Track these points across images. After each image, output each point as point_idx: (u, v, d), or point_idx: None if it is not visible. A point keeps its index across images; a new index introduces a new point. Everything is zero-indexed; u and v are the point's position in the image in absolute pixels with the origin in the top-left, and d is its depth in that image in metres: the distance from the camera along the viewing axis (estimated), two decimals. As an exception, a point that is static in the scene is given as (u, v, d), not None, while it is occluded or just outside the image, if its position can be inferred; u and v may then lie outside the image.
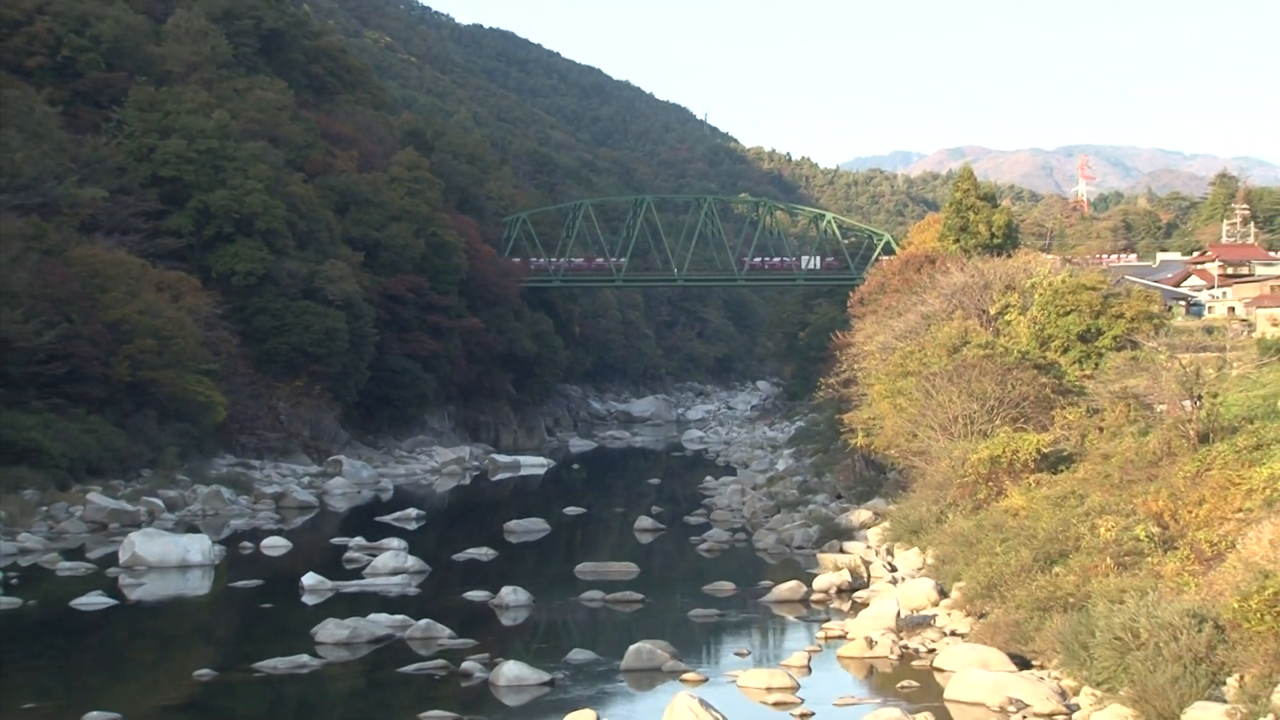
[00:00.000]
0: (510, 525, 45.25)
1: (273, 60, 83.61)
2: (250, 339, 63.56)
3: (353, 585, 33.46)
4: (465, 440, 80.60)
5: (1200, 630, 18.52)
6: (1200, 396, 28.48)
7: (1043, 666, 21.93)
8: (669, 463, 77.92)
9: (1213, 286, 79.11)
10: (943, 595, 27.74)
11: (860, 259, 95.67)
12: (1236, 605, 18.21)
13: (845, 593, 31.25)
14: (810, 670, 24.13)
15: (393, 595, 32.18)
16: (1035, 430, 32.95)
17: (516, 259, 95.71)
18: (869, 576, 32.43)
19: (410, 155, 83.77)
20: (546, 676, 23.42)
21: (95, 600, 30.56)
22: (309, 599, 31.86)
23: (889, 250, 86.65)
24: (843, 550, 35.96)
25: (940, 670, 23.09)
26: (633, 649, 24.63)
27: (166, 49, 72.12)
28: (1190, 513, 23.09)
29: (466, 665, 24.22)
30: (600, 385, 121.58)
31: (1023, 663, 22.12)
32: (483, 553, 38.89)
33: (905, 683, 22.68)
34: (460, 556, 38.55)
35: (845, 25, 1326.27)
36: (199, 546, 37.00)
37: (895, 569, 32.61)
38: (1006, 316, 40.63)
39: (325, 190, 73.60)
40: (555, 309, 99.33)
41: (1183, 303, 71.51)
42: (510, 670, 23.34)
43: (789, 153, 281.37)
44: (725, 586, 32.71)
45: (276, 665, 24.29)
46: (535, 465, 72.58)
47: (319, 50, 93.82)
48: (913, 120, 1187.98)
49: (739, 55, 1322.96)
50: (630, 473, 73.64)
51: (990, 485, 31.20)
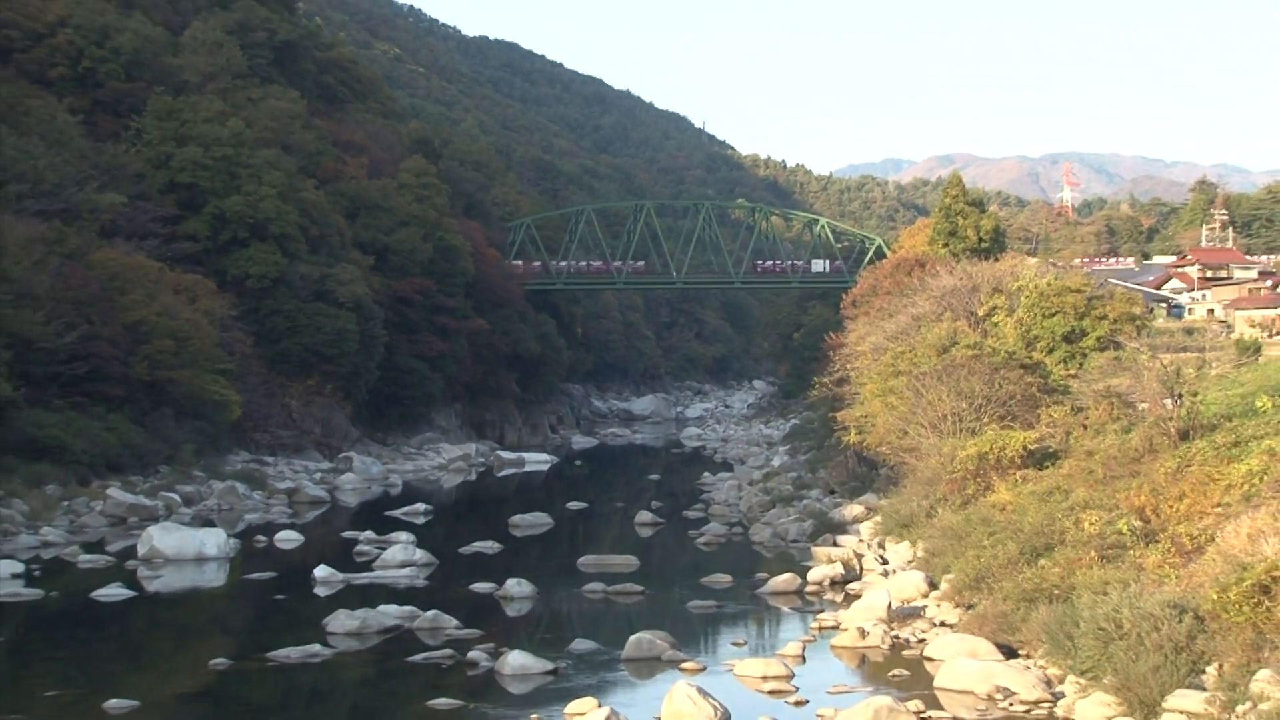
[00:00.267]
0: (515, 520, 45.25)
1: (286, 71, 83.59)
2: (264, 340, 63.58)
3: (363, 577, 33.47)
4: (471, 437, 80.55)
5: (1180, 621, 18.54)
6: (1181, 395, 28.53)
7: (1029, 656, 21.94)
8: (668, 459, 77.87)
9: (1193, 289, 79.09)
10: (932, 587, 27.75)
11: (853, 263, 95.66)
12: (1215, 597, 18.23)
13: (838, 585, 31.24)
14: (805, 659, 24.14)
15: (401, 587, 32.18)
16: (1022, 428, 32.97)
17: (520, 262, 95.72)
18: (861, 569, 32.42)
19: (418, 162, 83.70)
20: (550, 666, 23.41)
21: (115, 592, 30.58)
22: (320, 590, 31.87)
23: (881, 254, 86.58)
24: (836, 544, 35.92)
25: (930, 659, 23.10)
26: (633, 639, 24.64)
27: (183, 60, 72.15)
28: (1171, 507, 23.10)
29: (473, 655, 24.22)
30: (602, 384, 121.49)
31: (1009, 652, 22.13)
32: (488, 546, 38.88)
33: (896, 671, 22.69)
34: (466, 550, 38.55)
35: (839, 37, 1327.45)
36: (215, 540, 37.02)
37: (886, 562, 32.62)
38: (994, 318, 40.65)
39: (336, 196, 73.61)
40: (558, 311, 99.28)
41: (1164, 305, 71.50)
42: (515, 660, 23.34)
43: (784, 160, 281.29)
44: (722, 579, 32.71)
45: (289, 654, 24.31)
46: (539, 462, 72.57)
47: (330, 61, 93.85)
48: (903, 129, 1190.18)
49: (736, 66, 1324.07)
50: (630, 469, 73.61)
51: (978, 481, 31.21)
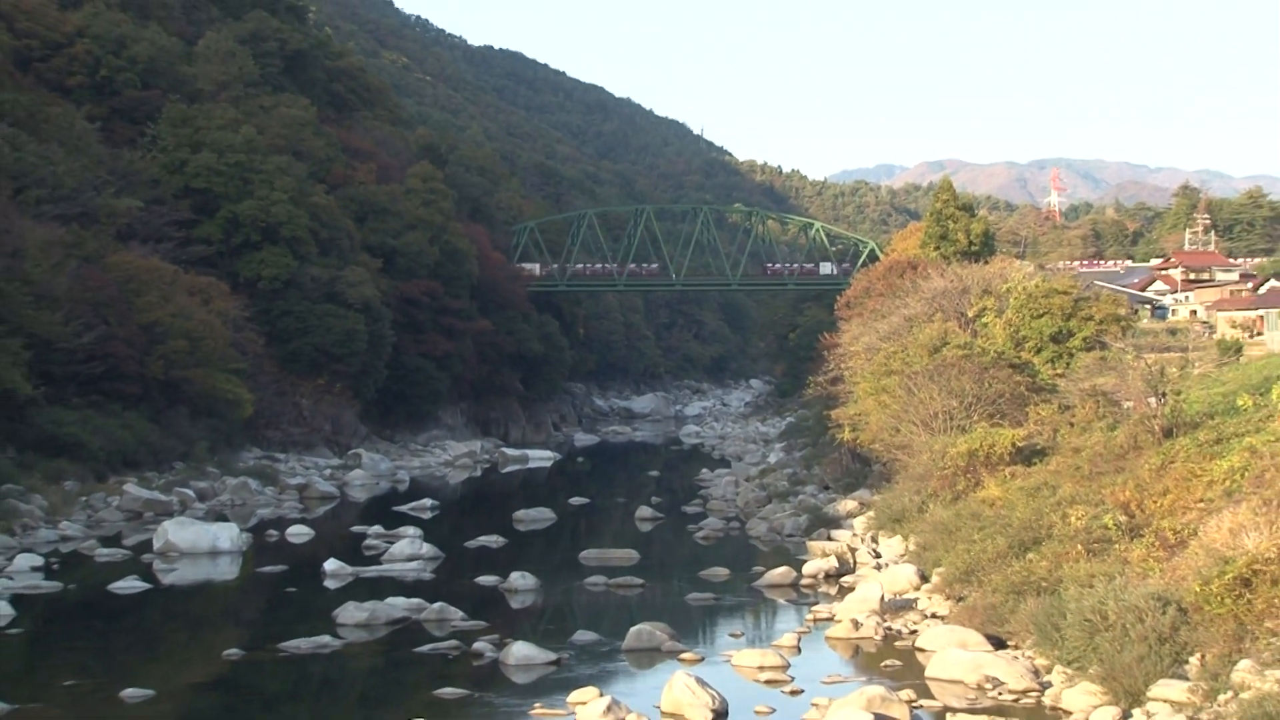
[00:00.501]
0: (519, 514, 45.22)
1: (296, 79, 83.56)
2: (275, 340, 63.60)
3: (371, 571, 33.44)
4: (476, 435, 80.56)
5: (1164, 613, 18.52)
6: (1164, 394, 28.54)
7: (1017, 646, 21.93)
8: (667, 456, 77.84)
9: (1176, 291, 79.15)
10: (924, 580, 27.73)
11: (846, 265, 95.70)
12: (1198, 589, 18.21)
13: (833, 578, 31.21)
14: (800, 650, 24.11)
15: (409, 580, 32.14)
16: (1010, 425, 32.96)
17: (524, 265, 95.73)
18: (855, 562, 32.40)
19: (425, 168, 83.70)
20: (553, 656, 23.38)
21: (131, 584, 30.56)
22: (330, 583, 31.84)
23: (874, 257, 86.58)
24: (830, 538, 35.90)
25: (921, 650, 23.08)
26: (633, 630, 24.61)
27: (197, 69, 72.17)
28: (1155, 502, 23.09)
29: (478, 646, 24.19)
30: (603, 383, 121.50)
31: (999, 643, 22.11)
32: (493, 540, 38.83)
33: (889, 662, 22.67)
34: (472, 544, 38.50)
35: (833, 46, 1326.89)
36: (228, 534, 37.00)
37: (879, 555, 32.60)
38: (984, 319, 40.62)
39: (346, 200, 73.59)
40: (561, 312, 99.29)
41: (1148, 306, 71.52)
42: (519, 650, 23.33)
43: (780, 165, 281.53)
44: (720, 572, 32.67)
45: (300, 645, 24.28)
46: (542, 458, 72.54)
47: (340, 70, 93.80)
48: (895, 135, 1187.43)
49: (734, 74, 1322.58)
50: (631, 465, 73.55)
51: (968, 477, 31.20)
